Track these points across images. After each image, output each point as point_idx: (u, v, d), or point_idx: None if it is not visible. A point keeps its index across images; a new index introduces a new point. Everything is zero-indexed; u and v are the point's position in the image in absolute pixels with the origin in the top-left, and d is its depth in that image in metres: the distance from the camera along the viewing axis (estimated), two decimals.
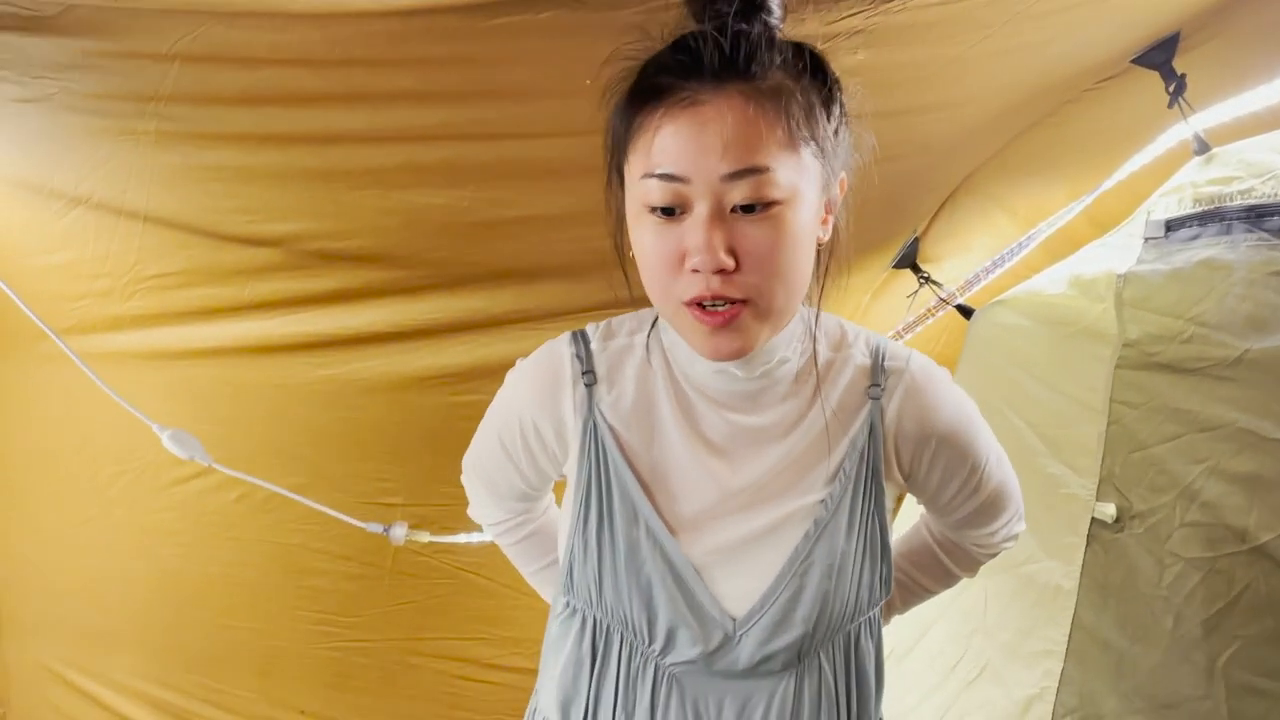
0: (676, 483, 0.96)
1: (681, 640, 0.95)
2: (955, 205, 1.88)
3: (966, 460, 1.02)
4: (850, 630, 1.00)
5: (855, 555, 0.96)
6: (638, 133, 0.82)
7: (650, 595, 0.94)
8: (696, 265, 0.81)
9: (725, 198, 0.80)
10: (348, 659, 2.33)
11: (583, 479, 0.97)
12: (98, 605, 2.24)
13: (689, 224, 0.81)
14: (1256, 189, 1.37)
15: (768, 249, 0.81)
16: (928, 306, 2.01)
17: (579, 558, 0.97)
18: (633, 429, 0.97)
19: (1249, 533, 1.35)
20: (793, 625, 0.94)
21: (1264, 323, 1.33)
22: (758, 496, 0.95)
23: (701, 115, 0.79)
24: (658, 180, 0.80)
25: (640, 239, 0.86)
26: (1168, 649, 1.45)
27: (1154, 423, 1.49)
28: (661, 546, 0.94)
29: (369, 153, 1.49)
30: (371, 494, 2.09)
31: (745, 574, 0.94)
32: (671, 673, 0.97)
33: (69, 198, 1.59)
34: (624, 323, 1.02)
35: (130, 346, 1.85)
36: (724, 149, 0.78)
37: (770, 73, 0.80)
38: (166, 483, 2.05)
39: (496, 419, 1.07)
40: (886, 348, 1.00)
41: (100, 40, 1.27)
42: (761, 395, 0.96)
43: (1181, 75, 1.46)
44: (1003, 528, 1.13)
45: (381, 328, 1.86)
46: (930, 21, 1.16)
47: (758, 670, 0.96)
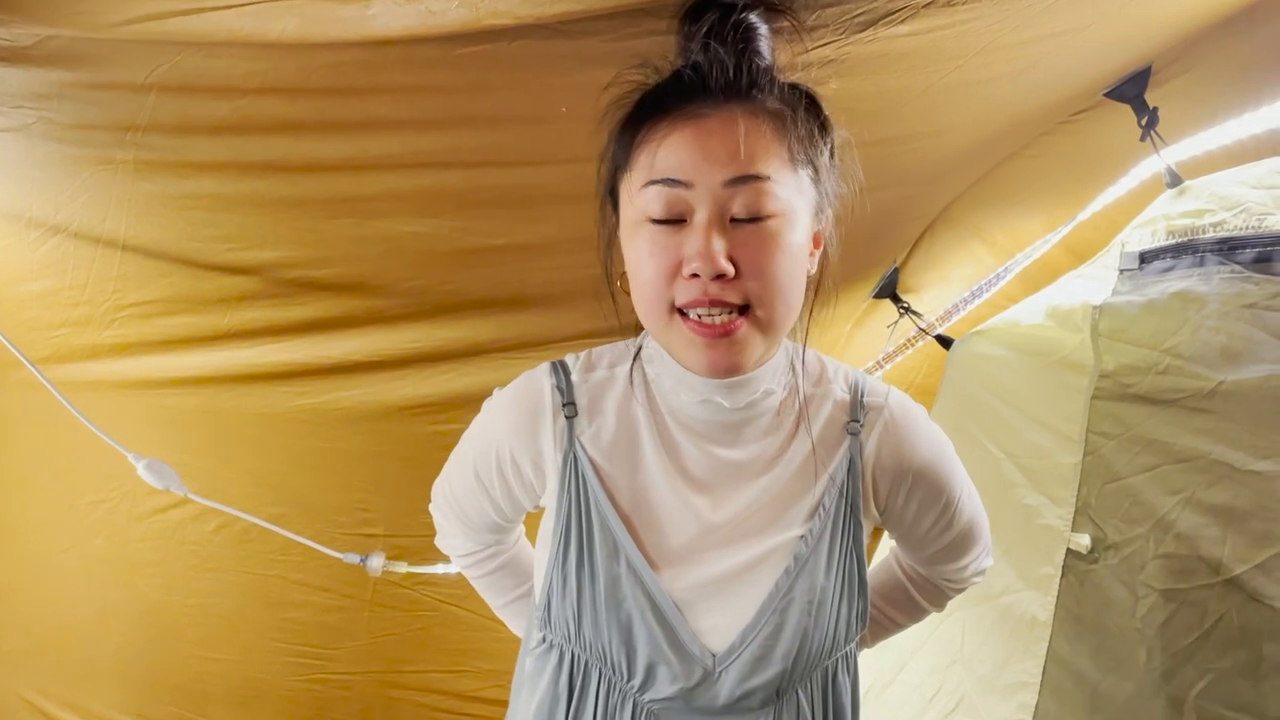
0: (658, 517, 0.94)
1: (661, 677, 0.93)
2: (934, 236, 1.88)
3: (941, 496, 1.02)
4: (828, 666, 0.99)
5: (834, 591, 0.95)
6: (641, 146, 0.83)
7: (630, 631, 0.92)
8: (696, 270, 0.81)
9: (726, 205, 0.81)
10: (328, 691, 2.29)
11: (562, 512, 0.95)
12: (76, 636, 2.20)
13: (688, 232, 0.82)
14: (1228, 222, 1.37)
15: (766, 257, 0.82)
16: (908, 337, 2.00)
17: (557, 592, 0.95)
18: (614, 462, 0.95)
19: (1223, 565, 1.33)
20: (773, 662, 0.92)
21: (1238, 355, 1.33)
22: (738, 532, 0.94)
23: (706, 125, 0.81)
24: (660, 186, 0.81)
25: (637, 249, 0.85)
26: (1141, 681, 1.43)
27: (1130, 454, 1.47)
28: (642, 582, 0.92)
29: (346, 181, 1.48)
30: (352, 524, 2.07)
31: (726, 610, 0.93)
32: (650, 709, 0.95)
33: (47, 226, 1.58)
34: (604, 354, 1.02)
35: (109, 375, 1.83)
36: (728, 155, 0.80)
37: (770, 98, 0.83)
38: (145, 512, 2.02)
39: (472, 449, 1.06)
40: (865, 384, 1.00)
41: (77, 71, 1.26)
42: (744, 428, 0.95)
43: (1154, 109, 1.46)
44: (972, 563, 1.13)
45: (361, 357, 1.85)
46: (901, 52, 1.16)
47: (737, 707, 0.94)
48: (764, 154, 0.81)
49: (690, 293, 0.82)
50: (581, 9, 1.00)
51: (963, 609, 1.81)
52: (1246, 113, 1.42)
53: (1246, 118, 1.43)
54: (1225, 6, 1.31)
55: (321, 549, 1.86)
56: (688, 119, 0.81)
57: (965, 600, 1.78)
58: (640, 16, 1.03)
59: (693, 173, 0.81)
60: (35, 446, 1.99)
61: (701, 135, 0.80)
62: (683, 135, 0.81)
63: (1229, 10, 1.32)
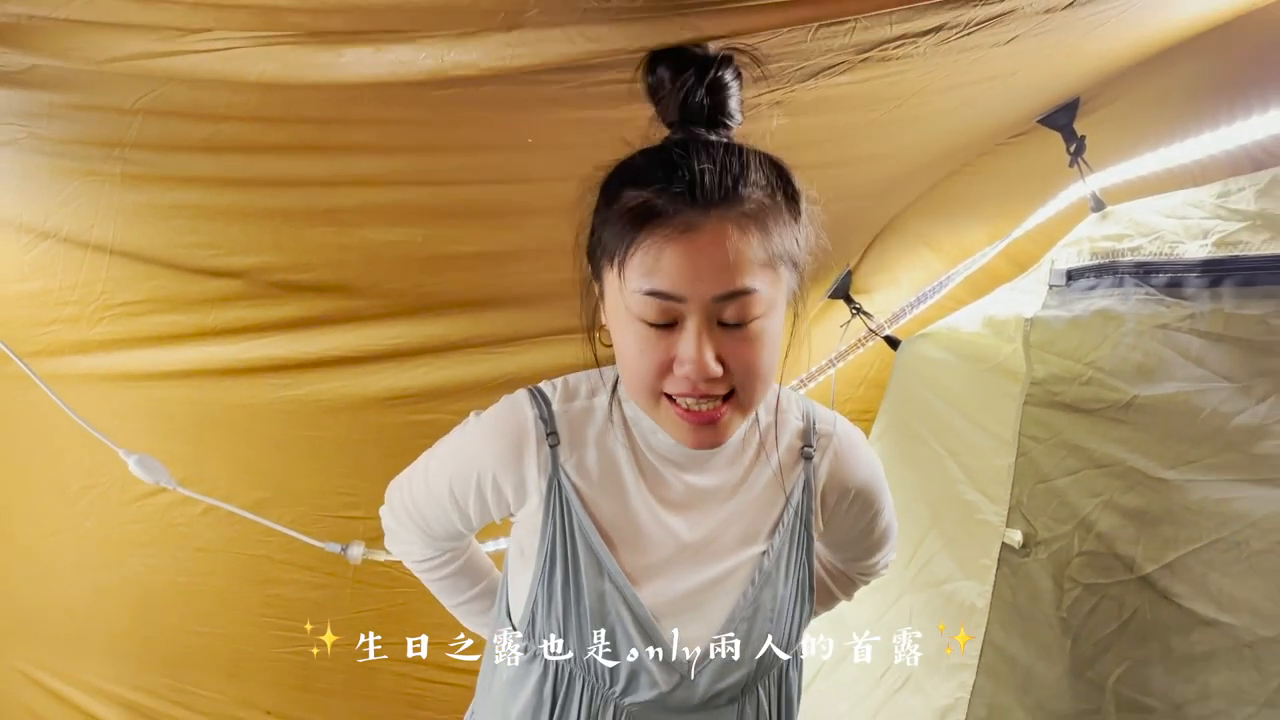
0: (637, 537, 1.01)
1: (642, 682, 1.00)
2: (884, 243, 1.95)
3: (872, 507, 1.12)
4: (783, 664, 1.08)
5: (791, 598, 1.04)
6: (635, 250, 0.85)
7: (614, 642, 0.99)
8: (688, 374, 0.86)
9: (715, 314, 0.85)
10: (312, 662, 2.36)
11: (547, 534, 1.01)
12: (68, 612, 2.26)
13: (680, 336, 0.86)
14: (1144, 247, 1.45)
15: (751, 357, 0.87)
16: (859, 336, 2.08)
17: (542, 607, 1.01)
18: (596, 487, 1.01)
19: (1136, 563, 1.43)
20: (740, 664, 1.01)
21: (1151, 372, 1.41)
22: (710, 550, 1.02)
23: (697, 242, 0.83)
24: (655, 299, 0.85)
25: (628, 342, 0.90)
26: (1067, 667, 1.53)
27: (1056, 457, 1.56)
28: (624, 597, 0.99)
29: (326, 195, 1.53)
30: (334, 508, 2.13)
31: (699, 620, 1.01)
32: (630, 711, 1.02)
33: (37, 231, 1.61)
34: (581, 383, 1.06)
35: (98, 369, 1.87)
36: (718, 270, 0.83)
37: (752, 193, 0.86)
38: (134, 497, 2.07)
39: (450, 467, 1.09)
40: (815, 412, 1.08)
41: (65, 94, 1.29)
42: (712, 459, 1.03)
43: (1081, 137, 1.53)
44: (883, 558, 1.24)
45: (342, 352, 1.90)
46: (843, 96, 1.22)
47: (708, 705, 1.03)
48: (750, 266, 0.85)
49: (680, 387, 0.88)
50: (541, 62, 1.05)
51: (910, 594, 1.90)
52: (1164, 145, 1.50)
53: (1162, 151, 1.51)
54: (1147, 47, 1.38)
55: (304, 538, 1.92)
56: (680, 233, 0.84)
57: (913, 587, 1.88)
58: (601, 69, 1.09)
59: (686, 289, 0.84)
60: (27, 434, 2.02)
61: (694, 252, 0.83)
62: (676, 251, 0.83)
63: (1151, 50, 1.39)
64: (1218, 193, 1.39)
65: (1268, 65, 1.37)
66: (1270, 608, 1.29)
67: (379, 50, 1.06)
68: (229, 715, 2.40)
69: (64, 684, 2.38)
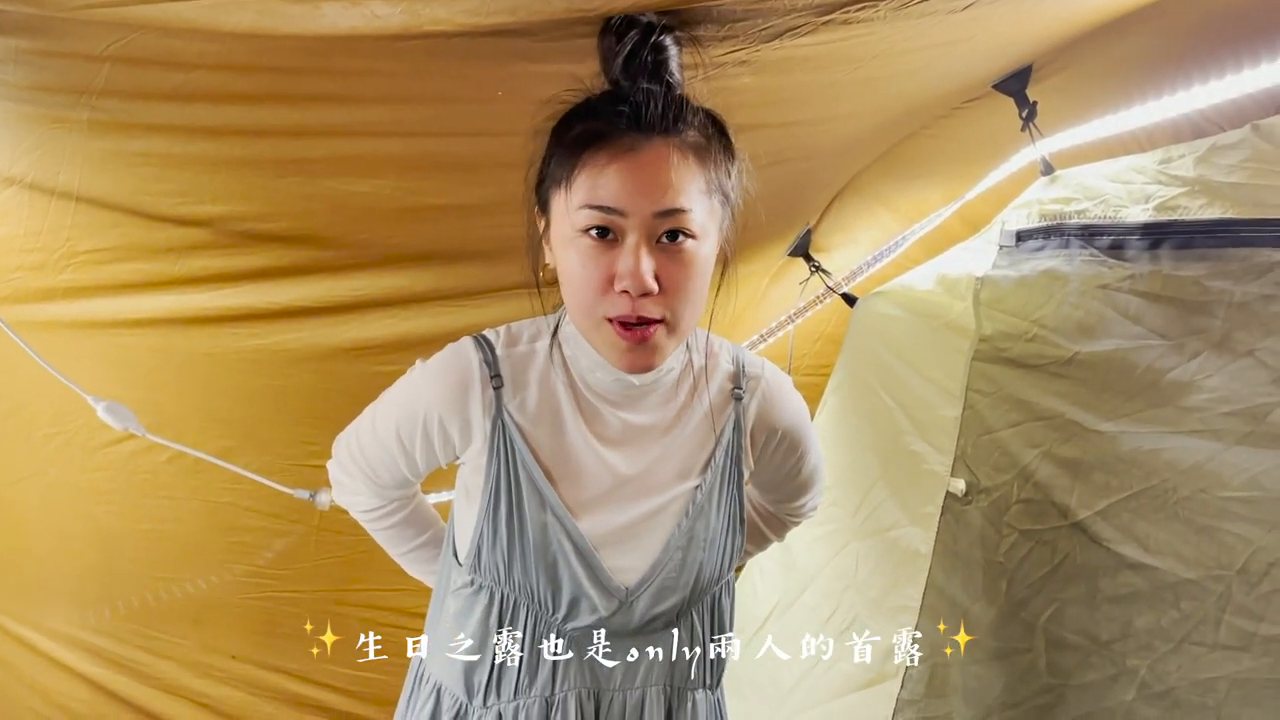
0: (577, 473, 1.07)
1: (583, 608, 1.06)
2: (843, 202, 1.99)
3: (798, 449, 1.20)
4: (718, 589, 1.15)
5: (721, 530, 1.10)
6: (580, 171, 0.92)
7: (555, 571, 1.05)
8: (626, 287, 0.92)
9: (653, 230, 0.92)
10: (277, 608, 2.40)
11: (492, 472, 1.06)
12: (33, 559, 2.26)
13: (621, 252, 0.92)
14: (1090, 210, 1.51)
15: (684, 277, 0.94)
16: (817, 294, 2.13)
17: (488, 540, 1.06)
18: (538, 426, 1.06)
19: (1070, 510, 1.51)
20: (674, 591, 1.08)
21: (1091, 329, 1.48)
22: (645, 484, 1.08)
23: (639, 160, 0.91)
24: (599, 211, 0.91)
25: (570, 260, 0.96)
26: (1001, 608, 1.61)
27: (1000, 410, 1.63)
28: (566, 528, 1.05)
29: (295, 145, 1.52)
30: (299, 456, 2.15)
31: (635, 551, 1.07)
32: (572, 636, 1.09)
33: (2, 178, 1.59)
34: (523, 330, 1.12)
35: (63, 316, 1.86)
36: (658, 189, 0.91)
37: (690, 130, 0.94)
38: (99, 444, 2.07)
39: (396, 413, 1.13)
40: (744, 357, 1.14)
41: (33, 40, 1.27)
42: (648, 396, 1.08)
43: (1033, 102, 1.57)
44: (809, 501, 1.32)
45: (308, 302, 1.90)
46: (806, 56, 1.25)
47: (645, 629, 1.09)
48: (687, 187, 0.92)
49: (619, 309, 0.94)
50: (514, 20, 1.07)
51: (858, 541, 1.97)
52: (1112, 113, 1.55)
53: (1111, 118, 1.56)
54: (1099, 15, 1.42)
55: (274, 485, 1.93)
56: (624, 151, 0.91)
57: (860, 534, 1.95)
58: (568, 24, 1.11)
59: (627, 203, 0.91)
60: None
61: (636, 169, 0.91)
62: (619, 168, 0.91)
63: (1102, 19, 1.43)
64: (1159, 159, 1.46)
65: (1209, 38, 1.43)
66: (1191, 552, 1.37)
67: (355, 4, 1.07)
68: (194, 660, 2.44)
69: (29, 629, 2.39)
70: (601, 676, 1.11)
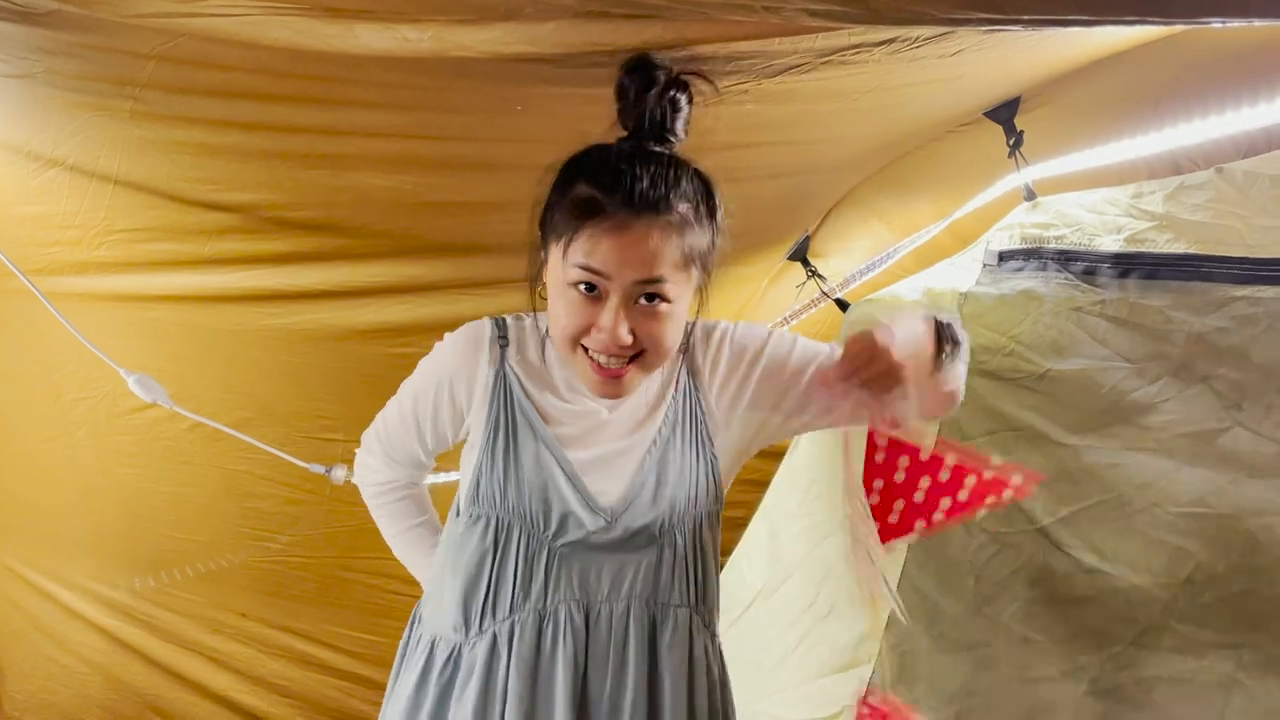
0: (564, 415, 1.23)
1: (571, 525, 1.21)
2: (841, 212, 2.07)
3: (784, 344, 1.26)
4: (696, 516, 1.26)
5: (688, 461, 1.24)
6: (579, 235, 1.06)
7: (546, 493, 1.20)
8: (604, 340, 1.08)
9: (632, 294, 1.07)
10: (287, 572, 2.48)
11: (492, 412, 1.22)
12: (58, 515, 2.36)
13: (603, 308, 1.08)
14: (1067, 237, 1.59)
15: (658, 332, 1.10)
16: (812, 297, 2.21)
17: (486, 470, 1.22)
18: (532, 379, 1.23)
19: (1036, 516, 1.60)
20: (650, 509, 1.22)
21: (1063, 348, 1.57)
22: (619, 426, 1.23)
23: (626, 238, 1.05)
24: (589, 272, 1.06)
25: (559, 304, 1.12)
26: (968, 603, 1.71)
27: (977, 419, 1.72)
28: (555, 456, 1.21)
29: (325, 142, 1.60)
30: (314, 430, 2.23)
31: (613, 477, 1.22)
32: (561, 552, 1.22)
33: (45, 159, 1.67)
34: (530, 316, 1.28)
35: (96, 289, 1.95)
36: (641, 262, 1.06)
37: (676, 206, 1.07)
38: (125, 410, 2.16)
39: (417, 382, 1.29)
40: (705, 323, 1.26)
41: (85, 35, 1.34)
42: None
43: (1020, 131, 1.65)
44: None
45: (329, 286, 1.97)
46: (805, 90, 1.33)
47: (628, 545, 1.23)
48: (665, 262, 1.07)
49: (596, 345, 1.10)
50: (535, 50, 1.16)
51: (839, 534, 2.07)
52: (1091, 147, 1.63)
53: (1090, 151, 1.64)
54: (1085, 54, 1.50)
55: (292, 460, 2.02)
56: (616, 227, 1.05)
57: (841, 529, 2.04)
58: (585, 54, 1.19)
59: (614, 270, 1.06)
60: (25, 347, 2.11)
61: (625, 245, 1.06)
62: (611, 242, 1.05)
63: (1088, 58, 1.51)
64: (1132, 193, 1.54)
65: (1188, 83, 1.51)
66: (1143, 560, 1.47)
67: (387, 28, 1.16)
68: (206, 616, 2.54)
69: (51, 581, 2.49)
70: (590, 589, 1.22)
